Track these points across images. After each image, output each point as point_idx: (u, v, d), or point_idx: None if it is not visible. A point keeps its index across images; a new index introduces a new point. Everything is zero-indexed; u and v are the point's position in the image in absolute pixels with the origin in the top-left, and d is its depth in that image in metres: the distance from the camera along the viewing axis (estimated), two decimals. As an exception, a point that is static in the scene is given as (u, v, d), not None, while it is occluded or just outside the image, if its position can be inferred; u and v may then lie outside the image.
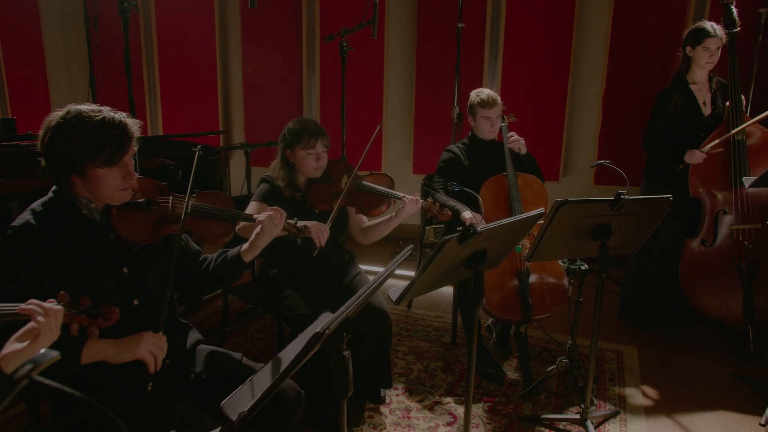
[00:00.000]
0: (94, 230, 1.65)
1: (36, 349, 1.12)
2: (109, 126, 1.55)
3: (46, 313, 1.15)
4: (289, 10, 4.98)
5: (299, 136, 2.49)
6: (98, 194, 1.62)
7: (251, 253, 1.88)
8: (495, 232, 1.87)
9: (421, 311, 3.74)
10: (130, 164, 1.61)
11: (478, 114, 3.02)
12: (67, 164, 1.57)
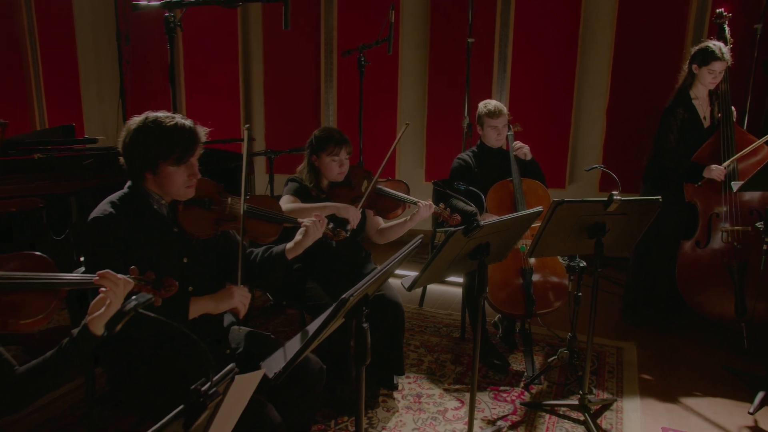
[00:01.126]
0: (162, 223, 1.89)
1: (109, 313, 1.36)
2: (180, 130, 1.81)
3: (116, 283, 1.38)
4: (308, 26, 5.26)
5: (325, 143, 2.72)
6: (167, 190, 1.87)
7: (294, 252, 2.10)
8: (496, 227, 2.10)
9: (432, 309, 3.95)
10: (195, 165, 1.86)
11: (486, 123, 3.24)
12: (143, 161, 1.82)
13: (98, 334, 1.35)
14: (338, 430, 2.57)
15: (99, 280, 1.37)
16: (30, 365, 1.39)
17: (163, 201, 1.90)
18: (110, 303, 1.37)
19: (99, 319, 1.35)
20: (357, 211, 2.58)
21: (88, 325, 1.35)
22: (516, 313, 3.06)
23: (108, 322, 1.30)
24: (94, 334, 1.35)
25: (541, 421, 2.67)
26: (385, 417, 2.69)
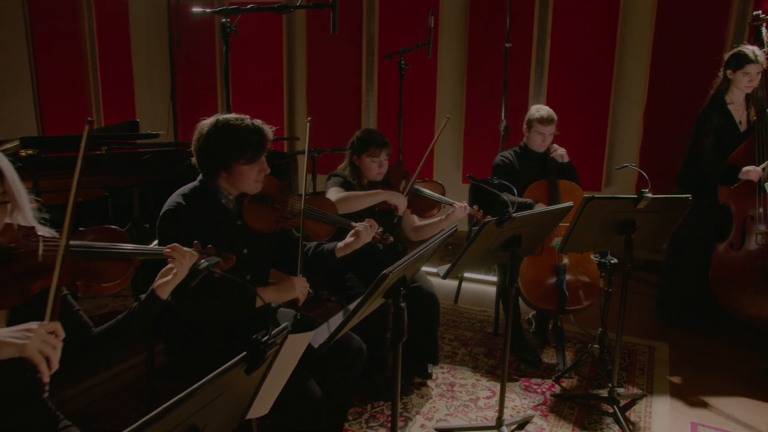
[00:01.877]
0: (227, 216, 2.05)
1: (176, 281, 1.54)
2: (251, 131, 1.95)
3: (183, 255, 1.55)
4: (350, 31, 5.44)
5: (366, 145, 2.87)
6: (238, 186, 2.02)
7: (344, 252, 2.24)
8: (528, 220, 2.21)
9: (467, 306, 4.06)
10: (264, 162, 2.01)
11: (534, 128, 3.30)
12: (217, 162, 1.96)
13: (163, 298, 1.53)
14: (374, 412, 2.71)
15: (168, 252, 1.54)
16: (104, 327, 1.57)
17: (230, 196, 2.06)
18: (177, 272, 1.54)
19: (165, 285, 1.52)
20: (404, 198, 2.72)
21: (156, 290, 1.52)
22: (549, 309, 3.15)
23: (186, 278, 1.48)
24: (160, 299, 1.52)
25: (570, 412, 2.76)
26: (419, 403, 2.81)
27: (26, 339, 1.17)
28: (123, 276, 1.46)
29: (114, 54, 5.64)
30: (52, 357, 1.21)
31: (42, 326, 1.21)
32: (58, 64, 5.05)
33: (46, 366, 1.19)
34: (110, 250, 1.46)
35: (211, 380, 0.99)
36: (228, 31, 2.58)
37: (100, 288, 1.42)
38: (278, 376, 1.35)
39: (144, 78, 6.07)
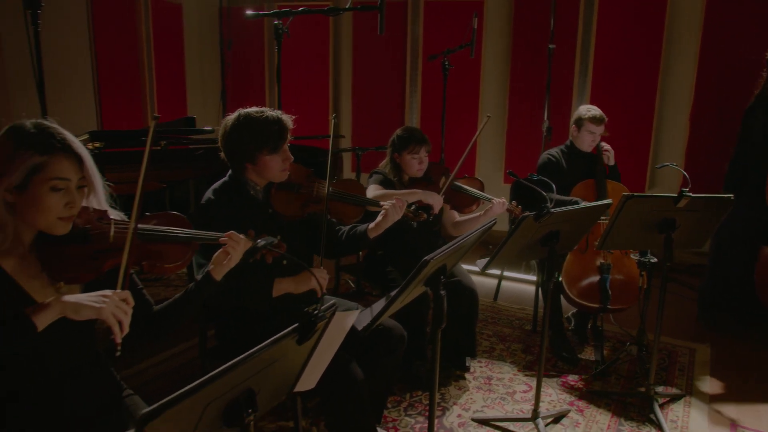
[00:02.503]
0: (258, 206, 2.17)
1: (230, 265, 1.66)
2: (271, 122, 2.07)
3: (238, 242, 1.67)
4: (395, 33, 5.55)
5: (406, 142, 2.96)
6: (265, 176, 2.13)
7: (375, 232, 2.33)
8: (566, 216, 2.26)
9: (506, 303, 4.11)
10: (287, 150, 2.13)
11: (585, 127, 3.34)
12: (241, 154, 2.08)
13: (218, 279, 1.65)
14: (413, 401, 2.80)
15: (225, 239, 1.66)
16: (163, 305, 1.70)
17: (258, 187, 2.16)
18: (231, 257, 1.66)
19: (220, 268, 1.65)
20: (440, 198, 2.79)
21: (211, 273, 1.65)
22: (591, 305, 3.17)
23: (244, 255, 1.61)
24: (215, 280, 1.65)
25: (607, 408, 2.78)
26: (456, 394, 2.89)
27: (103, 303, 1.31)
28: (183, 258, 1.58)
29: (168, 56, 5.89)
30: (124, 321, 1.34)
31: (116, 294, 1.35)
32: (116, 66, 5.30)
33: (119, 328, 1.33)
34: (172, 234, 1.59)
35: (267, 346, 1.10)
36: (280, 33, 2.71)
37: (163, 268, 1.55)
38: (324, 351, 1.45)
39: (196, 78, 6.31)
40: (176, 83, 6.07)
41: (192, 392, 0.94)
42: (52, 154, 1.36)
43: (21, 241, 1.40)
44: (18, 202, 1.35)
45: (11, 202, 1.35)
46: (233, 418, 1.13)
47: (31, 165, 1.33)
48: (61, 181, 1.36)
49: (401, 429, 2.58)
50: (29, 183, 1.34)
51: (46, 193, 1.35)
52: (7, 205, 1.34)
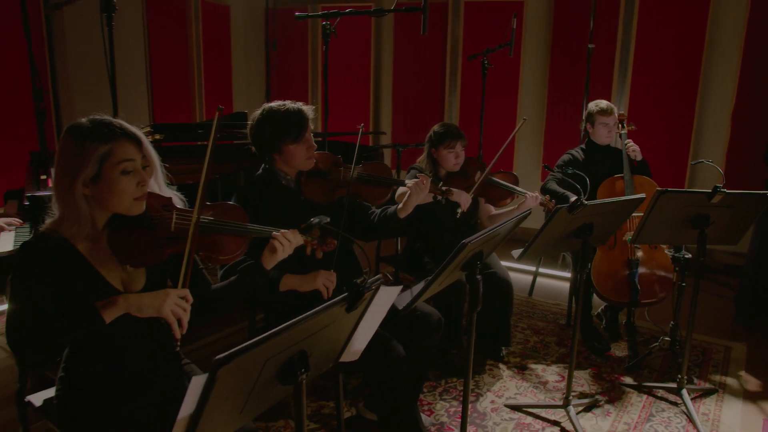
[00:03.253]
0: (290, 194, 2.30)
1: (277, 258, 1.79)
2: (291, 113, 2.18)
3: (286, 239, 1.80)
4: (436, 33, 5.66)
5: (443, 138, 3.07)
6: (292, 164, 2.25)
7: (404, 212, 2.38)
8: (599, 209, 2.34)
9: (541, 299, 4.18)
10: (310, 138, 2.23)
11: (597, 121, 3.42)
12: (268, 146, 2.22)
13: (268, 269, 1.79)
14: (447, 387, 2.91)
15: (276, 235, 1.80)
16: (220, 285, 1.85)
17: (289, 177, 2.29)
18: (280, 252, 1.79)
19: (270, 259, 1.79)
20: (468, 196, 2.88)
21: (261, 262, 1.80)
22: (621, 301, 3.23)
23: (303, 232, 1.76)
24: (265, 269, 1.79)
25: (638, 400, 2.84)
26: (490, 382, 2.99)
27: (163, 302, 1.48)
28: (238, 250, 1.71)
29: (216, 55, 6.13)
30: (183, 318, 1.49)
31: (175, 292, 1.49)
32: (168, 65, 5.56)
33: (177, 325, 1.48)
34: (231, 227, 1.71)
35: (320, 311, 1.23)
36: (328, 33, 2.86)
37: (218, 259, 1.68)
38: (369, 324, 1.58)
39: (241, 77, 6.54)
40: (223, 81, 6.31)
41: (257, 344, 1.08)
42: (114, 140, 1.50)
43: (95, 227, 1.55)
44: (95, 192, 1.50)
45: (89, 195, 1.50)
46: (287, 376, 1.27)
47: (100, 154, 1.48)
48: (129, 163, 1.51)
49: (436, 411, 2.70)
50: (102, 171, 1.48)
51: (118, 177, 1.50)
52: (85, 198, 1.49)
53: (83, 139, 1.49)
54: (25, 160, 4.23)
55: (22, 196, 3.30)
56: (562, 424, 2.63)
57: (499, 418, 2.67)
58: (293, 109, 2.19)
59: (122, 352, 1.62)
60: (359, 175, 2.40)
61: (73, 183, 1.47)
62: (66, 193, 1.49)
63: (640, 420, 2.67)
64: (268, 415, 2.62)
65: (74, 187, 1.47)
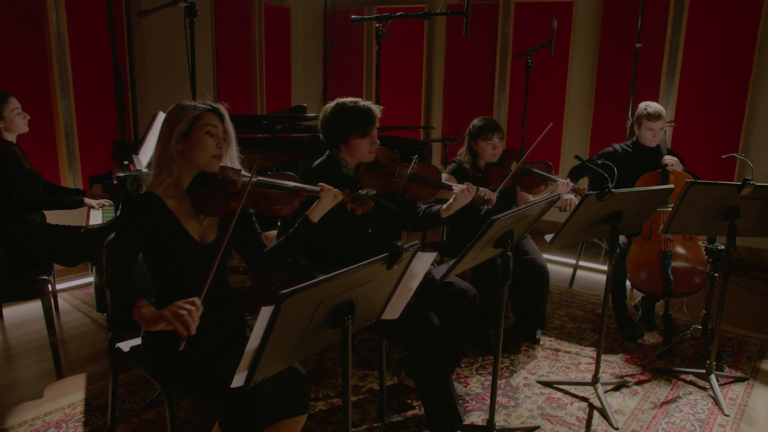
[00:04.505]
0: (348, 182, 2.56)
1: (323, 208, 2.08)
2: (362, 111, 2.46)
3: (329, 191, 2.08)
4: (486, 33, 5.84)
5: (482, 130, 3.28)
6: (355, 156, 2.53)
7: (447, 213, 2.63)
8: (628, 197, 2.51)
9: (581, 290, 4.32)
10: (374, 135, 2.50)
11: (644, 125, 3.53)
12: (336, 136, 2.50)
13: (315, 221, 2.08)
14: (484, 363, 3.13)
15: (320, 191, 2.09)
16: (272, 246, 2.14)
17: (349, 166, 2.56)
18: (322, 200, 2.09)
19: (316, 212, 2.08)
20: (495, 195, 3.04)
21: (309, 216, 2.08)
22: (654, 291, 3.35)
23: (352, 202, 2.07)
24: (312, 222, 2.08)
25: (666, 384, 2.98)
26: (525, 361, 3.18)
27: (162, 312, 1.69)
28: (290, 203, 2.05)
29: (276, 53, 6.49)
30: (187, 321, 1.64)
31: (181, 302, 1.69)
32: (233, 61, 5.95)
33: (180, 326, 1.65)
34: (281, 184, 2.06)
35: (366, 265, 1.48)
36: (380, 34, 3.12)
37: (274, 209, 2.03)
38: (406, 286, 1.82)
39: (300, 75, 6.90)
40: (283, 78, 6.67)
41: (315, 285, 1.34)
42: (205, 110, 1.91)
43: (181, 186, 1.91)
44: (183, 148, 1.88)
45: (179, 150, 1.87)
46: (336, 321, 1.53)
47: (192, 116, 1.88)
48: (213, 127, 1.90)
49: (471, 384, 2.92)
50: (191, 130, 1.87)
51: (203, 136, 1.88)
52: (175, 153, 1.87)
53: (183, 107, 1.91)
54: (106, 149, 4.69)
55: (106, 179, 3.72)
56: (590, 400, 2.80)
57: (530, 392, 2.87)
58: (364, 107, 2.46)
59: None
60: (413, 174, 2.63)
61: (169, 138, 1.87)
62: (163, 148, 1.89)
63: (666, 400, 2.82)
64: (316, 380, 2.91)
65: (170, 141, 1.87)
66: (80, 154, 4.60)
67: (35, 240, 3.16)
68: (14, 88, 4.09)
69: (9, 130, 3.11)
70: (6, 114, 3.06)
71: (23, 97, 4.07)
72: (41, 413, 2.64)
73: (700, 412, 2.72)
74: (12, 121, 3.09)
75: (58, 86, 4.37)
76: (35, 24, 4.21)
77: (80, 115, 4.56)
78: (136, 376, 2.95)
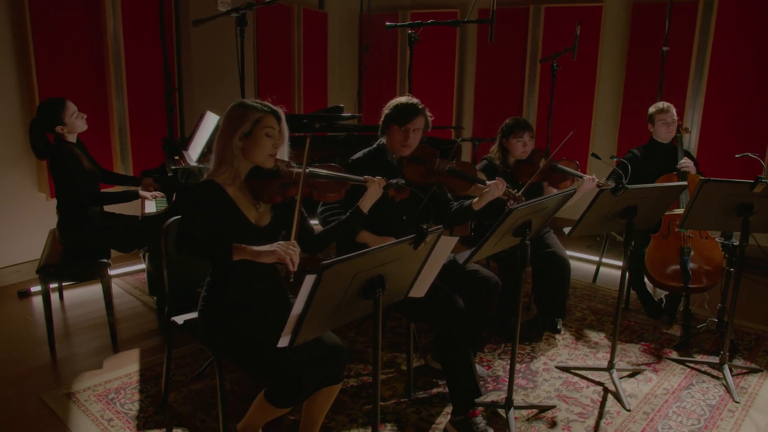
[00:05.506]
0: (392, 170, 2.79)
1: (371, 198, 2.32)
2: (407, 105, 2.72)
3: (374, 182, 2.31)
4: (516, 36, 6.01)
5: (513, 128, 3.47)
6: (390, 143, 2.77)
7: (478, 205, 2.82)
8: (641, 193, 2.67)
9: (604, 285, 4.46)
10: (410, 131, 2.72)
11: (657, 119, 3.72)
12: (384, 123, 2.77)
13: (365, 211, 2.32)
14: (506, 350, 3.32)
15: (367, 182, 2.32)
16: (322, 230, 2.39)
17: (394, 156, 2.80)
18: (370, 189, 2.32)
19: (366, 202, 2.32)
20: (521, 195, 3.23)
21: (360, 206, 2.32)
22: (673, 285, 3.49)
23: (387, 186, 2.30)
24: (363, 212, 2.32)
25: (681, 372, 3.12)
26: (545, 348, 3.36)
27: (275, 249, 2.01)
28: (339, 191, 2.30)
29: (314, 56, 6.77)
30: (294, 258, 2.00)
31: (285, 243, 2.02)
32: (272, 64, 6.25)
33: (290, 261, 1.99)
34: (331, 174, 2.30)
35: (395, 243, 1.70)
36: (412, 40, 3.35)
37: (325, 196, 2.28)
38: (431, 268, 2.03)
39: (336, 76, 7.17)
40: (319, 80, 6.94)
41: (351, 258, 1.57)
42: (266, 112, 2.15)
43: (239, 176, 2.17)
44: (245, 145, 2.12)
45: (240, 147, 2.12)
46: (368, 292, 1.75)
47: (255, 118, 2.12)
48: (271, 129, 2.14)
49: (494, 367, 3.12)
50: (253, 130, 2.11)
51: (262, 137, 2.12)
52: (236, 149, 2.12)
53: (246, 108, 2.14)
54: (154, 145, 5.03)
55: (156, 173, 4.02)
56: (606, 384, 2.97)
57: (548, 376, 3.06)
58: (411, 102, 2.74)
59: (246, 283, 2.20)
60: (450, 168, 2.85)
61: (233, 135, 2.11)
62: (226, 143, 2.13)
63: (679, 387, 2.97)
64: (349, 358, 3.14)
65: (233, 138, 2.11)
66: (132, 149, 4.93)
67: (94, 229, 3.47)
68: (75, 87, 4.44)
69: (71, 132, 3.41)
70: (67, 119, 3.33)
71: (82, 96, 4.44)
72: (102, 381, 2.94)
73: (711, 399, 2.87)
74: (73, 124, 3.38)
75: (113, 87, 4.71)
76: (95, 30, 4.56)
77: (132, 113, 4.90)
78: (184, 352, 3.23)
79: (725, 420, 2.69)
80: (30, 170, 4.35)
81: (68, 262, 3.25)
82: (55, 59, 4.34)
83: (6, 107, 4.18)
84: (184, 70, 5.30)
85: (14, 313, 3.81)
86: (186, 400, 2.77)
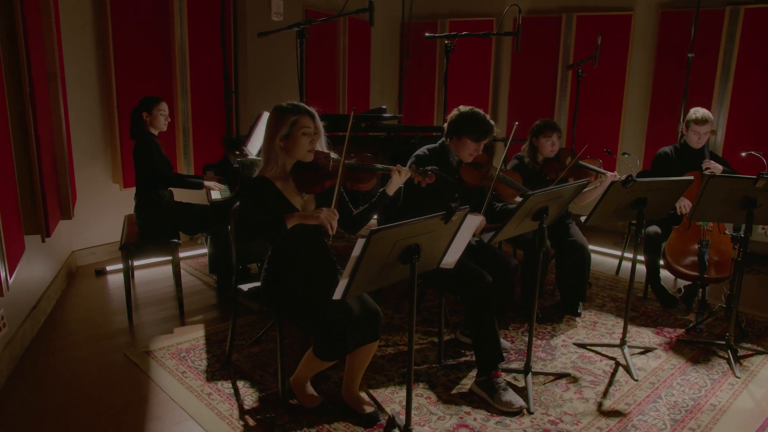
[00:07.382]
0: (451, 169, 3.15)
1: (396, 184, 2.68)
2: (486, 122, 3.05)
3: (400, 170, 2.68)
4: (549, 43, 6.32)
5: (543, 128, 3.81)
6: (458, 151, 3.12)
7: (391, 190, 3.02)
8: (650, 186, 3.00)
9: (625, 277, 4.75)
10: (480, 147, 3.08)
11: (691, 128, 3.97)
12: (455, 129, 3.08)
13: (390, 194, 2.69)
14: (525, 331, 3.66)
15: (394, 170, 2.70)
16: (358, 210, 2.77)
17: (456, 157, 3.17)
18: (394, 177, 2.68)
19: (391, 187, 2.69)
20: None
21: (386, 190, 2.70)
22: (691, 274, 3.77)
23: (418, 173, 2.66)
24: (388, 195, 2.69)
25: (690, 353, 3.41)
26: (565, 329, 3.70)
27: (319, 214, 2.40)
28: (371, 181, 2.66)
29: (357, 62, 7.21)
30: (333, 223, 2.39)
31: (327, 210, 2.41)
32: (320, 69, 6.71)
33: (329, 227, 2.38)
34: (365, 166, 2.66)
35: (429, 218, 2.09)
36: (448, 49, 3.74)
37: (359, 186, 2.64)
38: (459, 242, 2.41)
39: (378, 80, 7.59)
40: (362, 84, 7.38)
41: (393, 227, 1.96)
42: (300, 114, 2.49)
43: (285, 170, 2.55)
44: (285, 145, 2.49)
45: (282, 146, 2.49)
46: (406, 258, 2.14)
47: (292, 121, 2.48)
48: (307, 128, 2.50)
49: (516, 342, 3.47)
50: (291, 131, 2.48)
51: (299, 136, 2.48)
52: (279, 149, 2.49)
53: (283, 113, 2.49)
54: (213, 142, 5.53)
55: (217, 167, 4.51)
56: (617, 359, 3.29)
57: (566, 350, 3.40)
58: (489, 121, 3.06)
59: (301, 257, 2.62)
60: (501, 176, 3.24)
61: (274, 138, 2.48)
62: (270, 145, 2.52)
63: (685, 364, 3.27)
64: (387, 331, 3.54)
65: (275, 140, 2.49)
66: (193, 146, 5.45)
67: (166, 212, 3.97)
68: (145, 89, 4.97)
69: (152, 125, 3.94)
70: (154, 111, 3.89)
71: (152, 97, 4.96)
72: (174, 342, 3.42)
73: (714, 374, 3.16)
74: (156, 117, 3.91)
75: (179, 89, 5.23)
76: (164, 38, 5.09)
77: (194, 114, 5.41)
78: (242, 323, 3.68)
79: (724, 391, 2.99)
80: (106, 163, 4.91)
81: (145, 242, 3.75)
82: (131, 68, 4.89)
83: (89, 111, 4.74)
84: (241, 74, 5.80)
85: (93, 288, 4.34)
86: (246, 360, 3.21)
